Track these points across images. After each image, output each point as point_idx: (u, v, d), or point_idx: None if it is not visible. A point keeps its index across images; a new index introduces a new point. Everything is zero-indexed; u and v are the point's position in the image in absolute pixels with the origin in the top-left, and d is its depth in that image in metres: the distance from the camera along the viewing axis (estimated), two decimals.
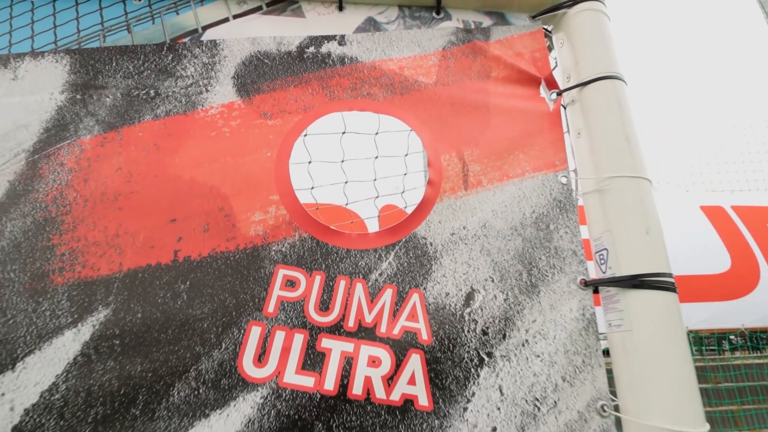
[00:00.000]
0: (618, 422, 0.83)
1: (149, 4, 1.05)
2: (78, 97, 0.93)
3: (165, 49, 0.99)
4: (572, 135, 1.01)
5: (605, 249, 0.90)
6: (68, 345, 0.75)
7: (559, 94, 1.02)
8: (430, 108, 0.99)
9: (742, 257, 4.13)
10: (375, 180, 1.37)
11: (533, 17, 1.11)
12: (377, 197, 1.41)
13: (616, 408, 0.83)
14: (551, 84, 1.04)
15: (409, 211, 0.93)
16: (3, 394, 0.73)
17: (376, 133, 1.12)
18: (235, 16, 1.05)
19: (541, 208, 0.94)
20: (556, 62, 1.10)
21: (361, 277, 0.85)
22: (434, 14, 1.10)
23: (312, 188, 1.29)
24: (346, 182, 1.41)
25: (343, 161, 1.31)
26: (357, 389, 0.77)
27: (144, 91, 0.94)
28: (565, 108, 1.05)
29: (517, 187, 0.94)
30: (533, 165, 0.96)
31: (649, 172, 0.92)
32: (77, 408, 0.72)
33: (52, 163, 0.87)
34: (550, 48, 1.13)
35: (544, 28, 1.11)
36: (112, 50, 0.98)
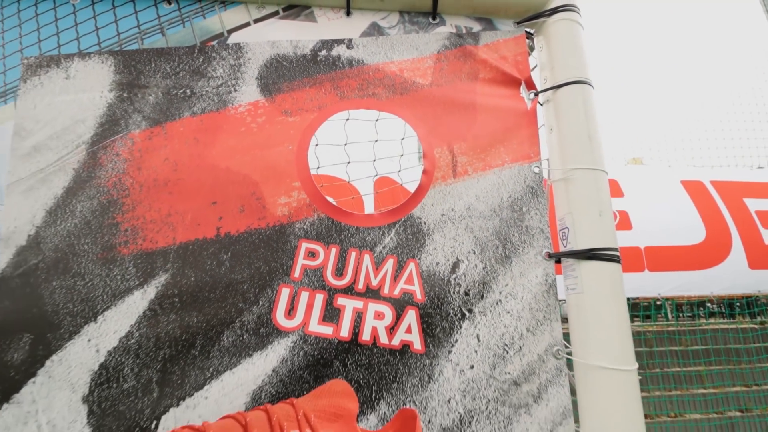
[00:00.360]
0: (570, 364, 1.06)
1: (179, 8, 1.19)
2: (125, 95, 1.08)
3: (196, 51, 1.13)
4: (546, 131, 1.19)
5: (567, 227, 1.10)
6: (138, 302, 0.95)
7: (536, 94, 1.19)
8: (426, 107, 1.16)
9: (716, 229, 4.30)
10: (374, 161, 1.55)
11: (518, 23, 1.26)
12: (375, 176, 1.60)
13: (569, 353, 1.06)
14: (530, 85, 1.21)
15: (407, 187, 1.11)
16: (89, 340, 0.93)
17: (377, 120, 1.28)
18: (256, 21, 1.19)
19: (516, 194, 1.13)
20: (537, 62, 1.26)
21: (368, 249, 1.05)
22: (430, 20, 1.25)
23: (318, 168, 1.47)
24: (348, 162, 1.58)
25: (346, 144, 1.48)
26: (366, 336, 0.99)
27: (181, 90, 1.10)
28: (541, 105, 1.22)
29: (497, 176, 1.13)
30: (511, 157, 1.15)
31: (607, 163, 1.12)
32: (149, 350, 0.93)
33: (109, 153, 1.04)
34: (532, 48, 1.29)
35: (527, 31, 1.27)
36: (150, 52, 1.13)
